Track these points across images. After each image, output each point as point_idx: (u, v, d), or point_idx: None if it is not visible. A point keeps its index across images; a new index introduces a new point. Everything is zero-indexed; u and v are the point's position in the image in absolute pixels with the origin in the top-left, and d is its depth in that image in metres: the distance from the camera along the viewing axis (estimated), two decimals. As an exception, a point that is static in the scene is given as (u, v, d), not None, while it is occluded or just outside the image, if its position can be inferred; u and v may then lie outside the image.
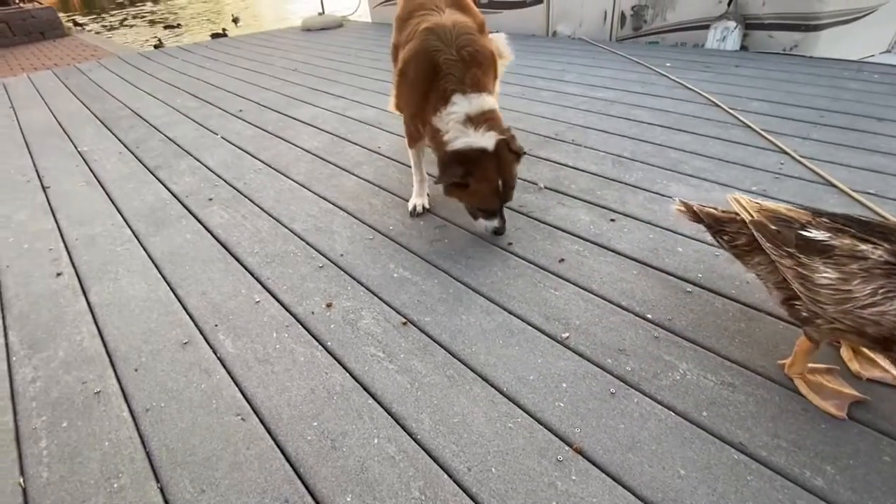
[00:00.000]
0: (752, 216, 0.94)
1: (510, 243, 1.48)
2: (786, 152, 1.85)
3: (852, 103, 2.28)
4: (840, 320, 0.80)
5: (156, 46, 6.41)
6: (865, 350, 0.98)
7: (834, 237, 0.83)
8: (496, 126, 1.41)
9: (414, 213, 1.68)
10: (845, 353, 1.00)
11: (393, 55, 1.83)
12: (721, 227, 1.01)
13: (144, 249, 1.61)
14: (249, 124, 2.66)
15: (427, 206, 1.70)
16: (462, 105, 1.39)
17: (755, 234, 0.92)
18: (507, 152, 1.40)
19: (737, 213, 0.97)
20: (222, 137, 2.49)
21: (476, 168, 1.37)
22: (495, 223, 1.46)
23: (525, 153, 1.47)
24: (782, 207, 0.93)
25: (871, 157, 1.79)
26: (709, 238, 1.41)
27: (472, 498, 0.83)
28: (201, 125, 2.69)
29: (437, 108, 1.42)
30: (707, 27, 3.42)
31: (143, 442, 0.97)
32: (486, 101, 1.41)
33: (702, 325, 1.12)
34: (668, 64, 3.09)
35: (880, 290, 0.74)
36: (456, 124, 1.39)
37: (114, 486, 0.90)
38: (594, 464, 0.86)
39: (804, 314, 0.88)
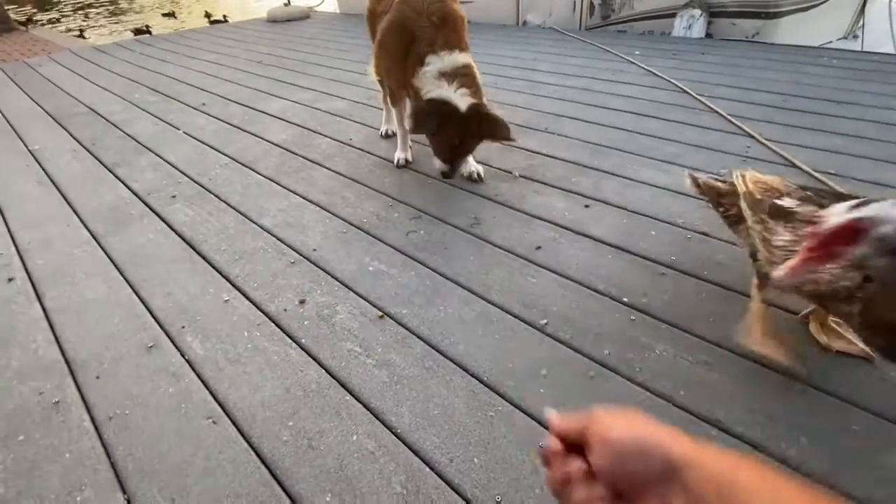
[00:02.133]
0: (746, 187, 0.98)
1: (487, 233, 1.46)
2: (752, 136, 1.90)
3: (812, 88, 2.35)
4: None
5: (139, 32, 6.15)
6: (832, 324, 1.01)
7: (801, 205, 0.85)
8: (470, 83, 1.52)
9: (398, 165, 1.88)
10: (813, 326, 1.03)
11: (369, 21, 1.95)
12: (719, 198, 1.08)
13: (104, 251, 1.52)
14: (213, 118, 2.55)
15: (410, 159, 1.90)
16: (435, 63, 1.51)
17: (741, 202, 0.96)
18: (478, 118, 1.51)
19: (736, 187, 1.02)
20: (184, 132, 2.39)
21: (443, 122, 1.50)
22: (443, 167, 1.61)
23: (500, 124, 1.54)
24: (776, 180, 0.96)
25: (831, 138, 1.85)
26: (680, 221, 1.44)
27: (454, 490, 0.81)
28: (162, 120, 2.57)
29: (415, 70, 1.54)
30: (673, 15, 3.47)
31: (106, 452, 0.92)
32: (459, 58, 1.52)
33: (676, 307, 1.14)
34: (636, 52, 3.12)
35: None
36: (431, 79, 1.51)
37: (76, 500, 0.85)
38: (576, 448, 0.86)
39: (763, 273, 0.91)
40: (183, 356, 1.12)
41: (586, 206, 1.54)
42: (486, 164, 1.85)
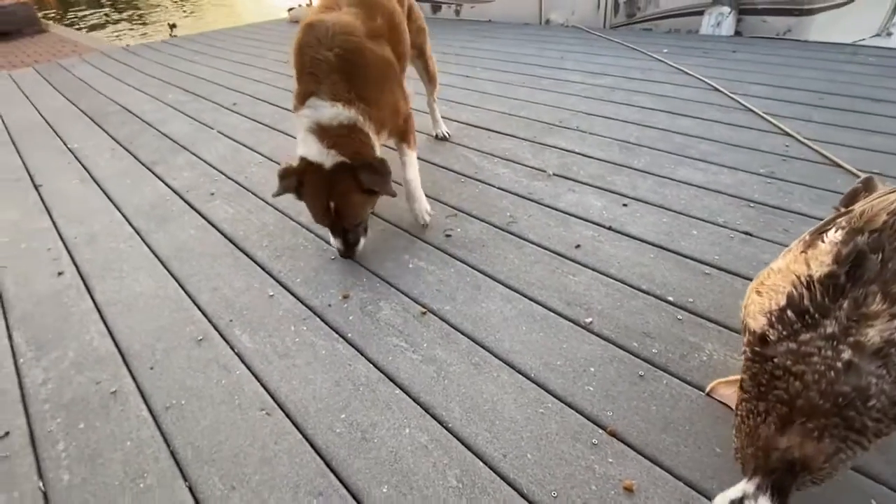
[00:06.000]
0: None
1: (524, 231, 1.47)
2: (790, 134, 1.86)
3: (848, 85, 2.30)
4: None
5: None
6: None
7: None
8: (348, 146, 1.26)
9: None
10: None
11: None
12: None
13: (148, 246, 1.56)
14: (245, 118, 2.60)
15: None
16: (314, 111, 1.27)
17: None
18: (348, 178, 1.26)
19: None
20: (218, 132, 2.44)
21: (306, 184, 1.29)
22: (334, 243, 1.36)
23: (388, 192, 1.31)
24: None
25: (871, 137, 1.81)
26: (721, 220, 1.42)
27: (510, 484, 0.82)
28: (195, 120, 2.63)
29: (297, 106, 1.33)
30: (701, 13, 3.42)
31: (166, 440, 0.95)
32: (344, 114, 1.26)
33: (723, 307, 1.13)
34: (665, 50, 3.09)
35: None
36: (305, 131, 1.28)
37: (140, 487, 0.87)
38: (629, 445, 0.86)
39: None
40: (232, 349, 1.14)
41: (624, 205, 1.54)
42: (518, 162, 1.86)
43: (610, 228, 1.43)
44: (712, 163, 1.73)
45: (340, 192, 1.27)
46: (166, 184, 1.95)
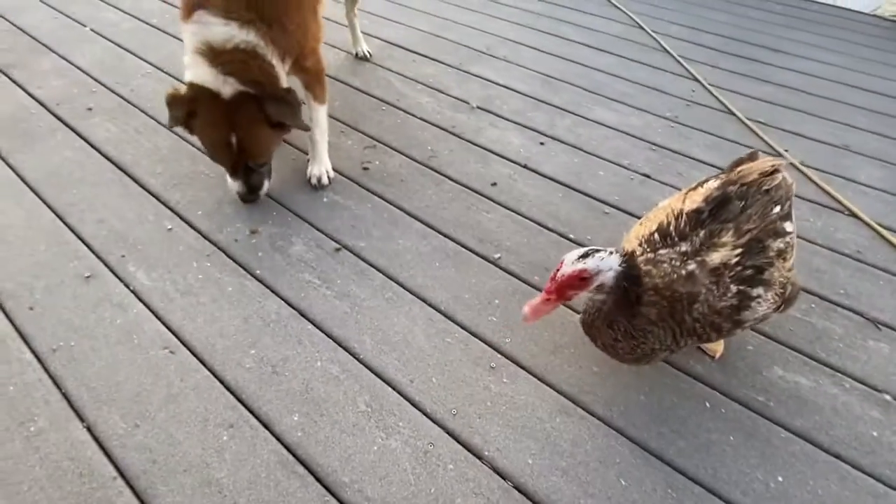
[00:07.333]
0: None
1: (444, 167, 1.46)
2: (697, 80, 1.97)
3: (753, 33, 2.43)
4: None
5: None
6: None
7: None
8: (248, 74, 1.08)
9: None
10: None
11: None
12: None
13: (12, 169, 1.35)
14: (127, 14, 2.19)
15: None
16: (202, 28, 1.06)
17: None
18: (252, 109, 1.10)
19: None
20: (92, 30, 2.05)
21: (199, 115, 1.11)
22: (233, 185, 1.20)
23: (300, 125, 1.18)
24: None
25: (763, 87, 1.97)
26: (626, 162, 1.52)
27: (415, 405, 0.90)
28: (61, 13, 2.17)
29: (183, 16, 1.11)
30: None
31: (56, 383, 0.90)
32: (240, 36, 1.06)
33: (616, 243, 1.23)
34: (597, -22, 3.01)
35: None
36: (193, 52, 1.08)
37: (30, 430, 0.84)
38: (522, 367, 0.97)
39: None
40: (127, 287, 1.07)
41: (541, 144, 1.57)
42: (442, 91, 1.79)
43: (525, 167, 1.47)
44: (626, 104, 1.80)
45: (244, 125, 1.10)
46: (29, 93, 1.64)
